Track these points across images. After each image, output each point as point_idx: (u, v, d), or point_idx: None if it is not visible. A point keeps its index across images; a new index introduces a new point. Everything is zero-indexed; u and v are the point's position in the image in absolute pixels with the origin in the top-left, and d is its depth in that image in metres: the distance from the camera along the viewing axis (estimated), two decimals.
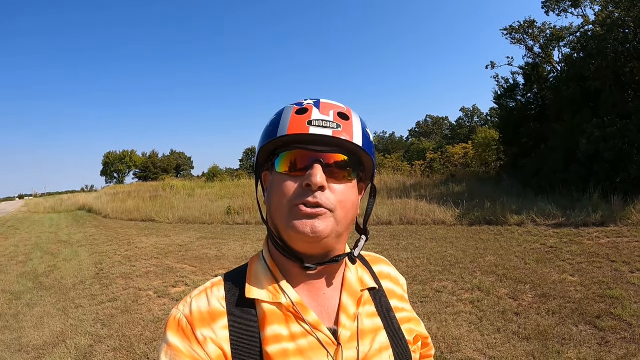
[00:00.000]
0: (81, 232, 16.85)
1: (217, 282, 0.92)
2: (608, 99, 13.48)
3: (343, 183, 0.85)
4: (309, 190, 0.81)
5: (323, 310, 0.89)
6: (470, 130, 43.89)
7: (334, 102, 0.90)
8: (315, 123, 0.82)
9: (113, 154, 77.60)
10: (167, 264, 9.38)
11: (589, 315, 4.90)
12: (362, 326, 0.90)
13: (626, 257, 6.99)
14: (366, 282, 0.97)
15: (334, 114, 0.85)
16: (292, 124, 0.83)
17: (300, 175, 0.83)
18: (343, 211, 0.84)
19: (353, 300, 0.91)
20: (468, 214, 12.07)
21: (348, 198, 0.86)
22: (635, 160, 11.27)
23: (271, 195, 0.87)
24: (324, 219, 0.81)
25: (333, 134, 0.82)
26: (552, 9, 19.92)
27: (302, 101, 0.89)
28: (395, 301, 1.02)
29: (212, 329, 0.82)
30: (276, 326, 0.82)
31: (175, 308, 0.87)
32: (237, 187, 27.18)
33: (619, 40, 13.25)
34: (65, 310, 6.57)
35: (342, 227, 0.86)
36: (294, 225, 0.81)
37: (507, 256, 7.85)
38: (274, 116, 0.90)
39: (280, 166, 0.86)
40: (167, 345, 0.81)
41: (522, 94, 20.34)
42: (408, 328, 0.99)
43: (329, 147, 0.84)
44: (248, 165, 63.20)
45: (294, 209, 0.81)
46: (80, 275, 8.77)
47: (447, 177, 24.86)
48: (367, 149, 0.88)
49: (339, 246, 0.90)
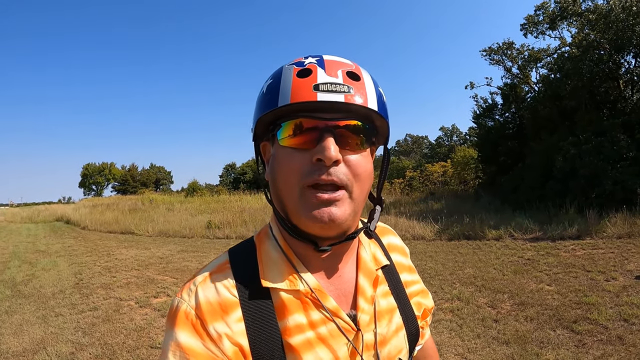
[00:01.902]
0: (59, 242, 16.52)
1: (223, 265, 0.82)
2: (583, 118, 13.91)
3: (357, 153, 0.77)
4: (322, 165, 0.72)
5: (340, 294, 0.83)
6: (450, 149, 44.48)
7: (339, 59, 0.80)
8: (323, 87, 0.72)
9: (92, 166, 76.43)
10: (148, 275, 9.28)
11: (566, 320, 5.04)
12: (379, 307, 0.86)
13: (601, 267, 7.17)
14: (380, 260, 0.92)
15: (342, 74, 0.75)
16: (295, 90, 0.73)
17: (310, 148, 0.74)
18: (359, 186, 0.77)
19: (369, 282, 0.86)
20: (447, 230, 12.19)
21: (364, 170, 0.78)
22: (610, 176, 11.63)
23: (275, 172, 0.78)
24: (341, 203, 0.74)
25: (345, 100, 0.72)
26: (530, 31, 20.55)
27: (302, 59, 0.79)
28: (405, 274, 0.99)
29: (226, 322, 0.74)
30: (296, 315, 0.76)
31: (179, 297, 0.77)
32: (217, 202, 26.93)
33: (594, 61, 13.74)
34: (45, 318, 6.47)
35: (359, 205, 0.79)
36: (308, 214, 0.73)
37: (486, 268, 7.98)
38: (269, 80, 0.79)
39: (283, 138, 0.76)
40: (175, 344, 0.72)
41: (500, 114, 20.83)
42: (417, 302, 0.97)
43: (340, 114, 0.75)
44: (228, 181, 62.74)
45: (306, 193, 0.73)
46: (60, 285, 8.63)
47: (426, 195, 25.09)
48: (382, 113, 0.78)
49: (355, 223, 0.82)
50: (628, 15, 12.86)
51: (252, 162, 55.83)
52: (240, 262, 0.82)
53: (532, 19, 20.23)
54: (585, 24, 15.90)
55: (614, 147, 12.12)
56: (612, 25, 13.36)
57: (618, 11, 13.22)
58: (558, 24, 19.07)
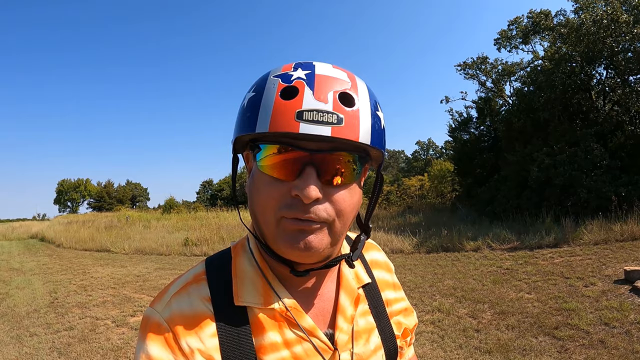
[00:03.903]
0: (34, 260, 16.11)
1: (199, 275, 0.79)
2: (557, 129, 14.21)
3: (344, 187, 0.71)
4: (300, 201, 0.67)
5: (318, 312, 0.80)
6: (426, 163, 44.87)
7: (333, 73, 0.70)
8: (308, 116, 0.63)
9: (67, 182, 75.08)
10: (125, 294, 9.10)
11: (547, 327, 5.09)
12: (357, 327, 0.82)
13: (580, 274, 7.29)
14: (362, 278, 0.88)
15: (333, 98, 0.66)
16: (275, 115, 0.65)
17: (288, 180, 0.68)
18: (342, 221, 0.71)
19: (350, 300, 0.83)
20: (425, 242, 12.24)
21: (349, 204, 0.72)
22: (584, 185, 11.91)
23: (253, 197, 0.73)
24: (319, 232, 0.69)
25: (332, 133, 0.64)
26: (503, 45, 21.04)
27: (291, 70, 0.70)
28: (388, 292, 0.95)
29: (200, 337, 0.70)
30: (271, 333, 0.73)
31: (152, 308, 0.75)
32: (195, 220, 26.66)
33: (567, 73, 14.08)
34: (20, 338, 6.27)
35: (340, 236, 0.74)
36: (285, 242, 0.69)
37: (465, 279, 8.02)
38: (252, 92, 0.71)
39: (262, 165, 0.70)
40: (146, 357, 0.69)
41: (476, 127, 21.13)
42: (397, 321, 0.92)
43: (327, 145, 0.67)
44: (205, 197, 62.34)
45: (283, 222, 0.69)
46: (34, 304, 8.39)
47: (403, 209, 25.31)
48: (376, 145, 0.71)
49: (336, 251, 0.78)
50: (599, 28, 13.24)
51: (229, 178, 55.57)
52: (216, 274, 0.79)
53: (506, 33, 20.71)
54: (557, 37, 16.33)
55: (588, 157, 12.42)
56: (584, 38, 13.75)
57: (589, 25, 13.62)
58: (531, 38, 19.59)
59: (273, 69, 0.73)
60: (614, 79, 14.48)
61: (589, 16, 13.95)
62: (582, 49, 13.83)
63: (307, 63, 0.71)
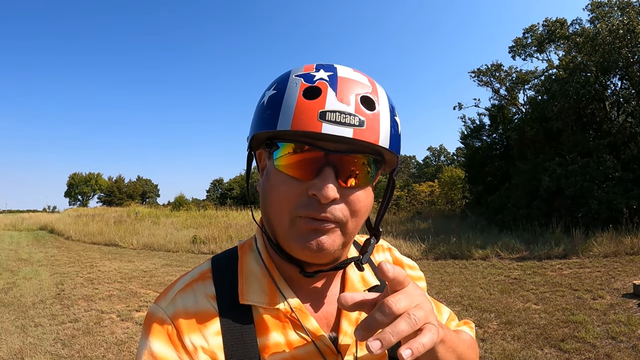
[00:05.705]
0: (42, 251, 16.25)
1: (205, 273, 0.79)
2: (569, 139, 14.09)
3: (359, 189, 0.71)
4: (318, 201, 0.67)
5: (322, 315, 0.80)
6: (437, 169, 44.79)
7: (355, 76, 0.71)
8: (331, 117, 0.64)
9: (79, 176, 75.62)
10: (131, 289, 9.13)
11: (553, 339, 5.02)
12: None
13: (588, 286, 7.20)
14: (369, 281, 0.86)
15: (356, 101, 0.66)
16: (298, 114, 0.65)
17: (307, 180, 0.68)
18: (355, 221, 0.72)
19: None
20: (433, 249, 12.20)
21: (363, 205, 0.72)
22: (596, 196, 11.79)
23: (267, 195, 0.73)
24: (332, 233, 0.70)
25: (354, 135, 0.64)
26: (518, 53, 20.95)
27: (313, 70, 0.70)
28: None
29: (203, 335, 0.70)
30: (275, 333, 0.73)
31: (156, 305, 0.74)
32: (204, 218, 26.73)
33: (581, 83, 13.95)
34: (24, 328, 6.31)
35: (351, 237, 0.74)
36: (298, 242, 0.69)
37: (472, 287, 7.96)
38: (273, 89, 0.71)
39: (280, 164, 0.70)
40: (149, 353, 0.68)
41: (488, 134, 21.02)
42: None
43: (345, 146, 0.67)
44: (215, 196, 62.38)
45: (298, 222, 0.69)
46: (41, 295, 8.45)
47: (413, 214, 25.21)
48: (394, 149, 0.71)
49: (345, 254, 0.80)
50: (614, 38, 13.12)
51: (240, 177, 55.58)
52: (222, 273, 0.79)
53: (521, 41, 20.63)
54: (572, 46, 16.22)
55: (600, 168, 12.31)
56: (599, 48, 13.62)
57: (605, 34, 13.49)
58: (546, 46, 19.48)
59: (293, 68, 0.73)
60: (628, 90, 14.37)
61: (604, 26, 13.81)
62: (597, 58, 13.71)
63: (329, 65, 0.72)
